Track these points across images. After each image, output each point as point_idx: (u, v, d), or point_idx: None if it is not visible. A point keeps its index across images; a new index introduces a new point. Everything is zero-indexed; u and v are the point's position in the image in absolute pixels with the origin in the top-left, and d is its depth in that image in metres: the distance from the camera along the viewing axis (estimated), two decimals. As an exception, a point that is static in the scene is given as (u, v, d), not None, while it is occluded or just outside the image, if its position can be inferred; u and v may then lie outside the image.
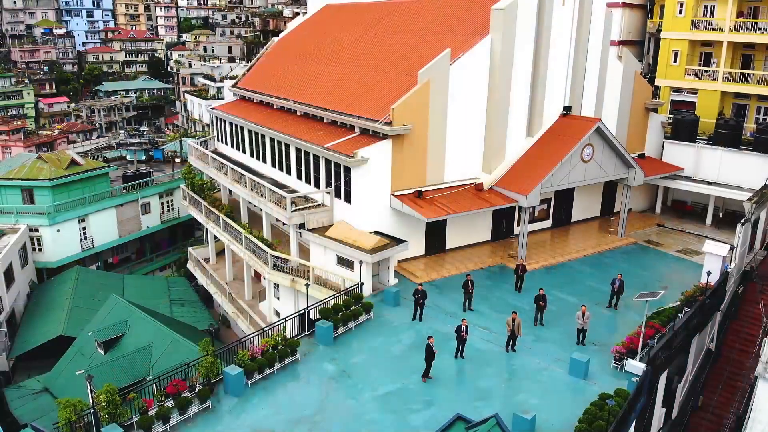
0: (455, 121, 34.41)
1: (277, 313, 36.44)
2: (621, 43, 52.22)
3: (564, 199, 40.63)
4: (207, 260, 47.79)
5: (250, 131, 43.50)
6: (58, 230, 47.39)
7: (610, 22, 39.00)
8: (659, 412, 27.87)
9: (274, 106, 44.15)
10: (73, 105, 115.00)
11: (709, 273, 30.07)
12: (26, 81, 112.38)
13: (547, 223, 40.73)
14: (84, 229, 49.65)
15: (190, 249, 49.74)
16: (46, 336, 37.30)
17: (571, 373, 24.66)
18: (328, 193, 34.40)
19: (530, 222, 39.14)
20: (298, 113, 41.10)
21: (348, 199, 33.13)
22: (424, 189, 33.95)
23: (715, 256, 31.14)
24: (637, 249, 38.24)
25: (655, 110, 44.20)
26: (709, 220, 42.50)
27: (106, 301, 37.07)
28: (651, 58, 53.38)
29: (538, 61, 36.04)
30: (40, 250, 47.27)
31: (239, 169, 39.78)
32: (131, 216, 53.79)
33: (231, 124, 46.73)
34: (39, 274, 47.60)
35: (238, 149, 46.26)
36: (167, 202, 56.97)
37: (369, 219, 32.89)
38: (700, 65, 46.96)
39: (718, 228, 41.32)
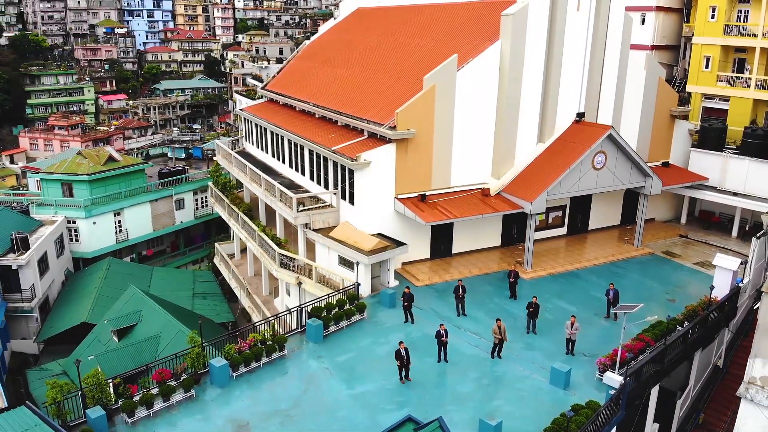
0: (463, 126, 34.47)
1: (288, 309, 37.35)
2: (654, 47, 50.90)
3: (580, 206, 40.01)
4: (232, 256, 49.34)
5: (271, 132, 44.71)
6: (94, 222, 49.84)
7: (630, 27, 38.08)
8: (651, 427, 27.31)
9: (297, 109, 45.23)
10: (131, 102, 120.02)
11: (712, 287, 29.19)
12: (87, 78, 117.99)
13: (563, 230, 40.21)
14: (119, 222, 52.02)
15: (216, 244, 51.45)
16: (71, 322, 39.44)
17: (551, 383, 24.55)
18: (335, 194, 35.10)
19: (544, 229, 38.92)
20: (317, 116, 42.01)
21: (351, 201, 33.73)
22: (429, 193, 34.17)
23: (725, 270, 30.25)
24: (654, 260, 37.34)
25: (685, 117, 42.98)
26: (735, 232, 41.01)
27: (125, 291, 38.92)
28: (687, 63, 51.71)
29: (550, 67, 35.67)
30: (77, 241, 49.82)
31: (255, 169, 41.04)
32: (165, 211, 55.98)
33: (256, 125, 48.12)
34: (76, 263, 50.17)
35: (262, 149, 47.58)
36: (201, 198, 58.95)
37: (372, 221, 33.40)
38: (733, 72, 45.26)
39: (744, 241, 39.79)
